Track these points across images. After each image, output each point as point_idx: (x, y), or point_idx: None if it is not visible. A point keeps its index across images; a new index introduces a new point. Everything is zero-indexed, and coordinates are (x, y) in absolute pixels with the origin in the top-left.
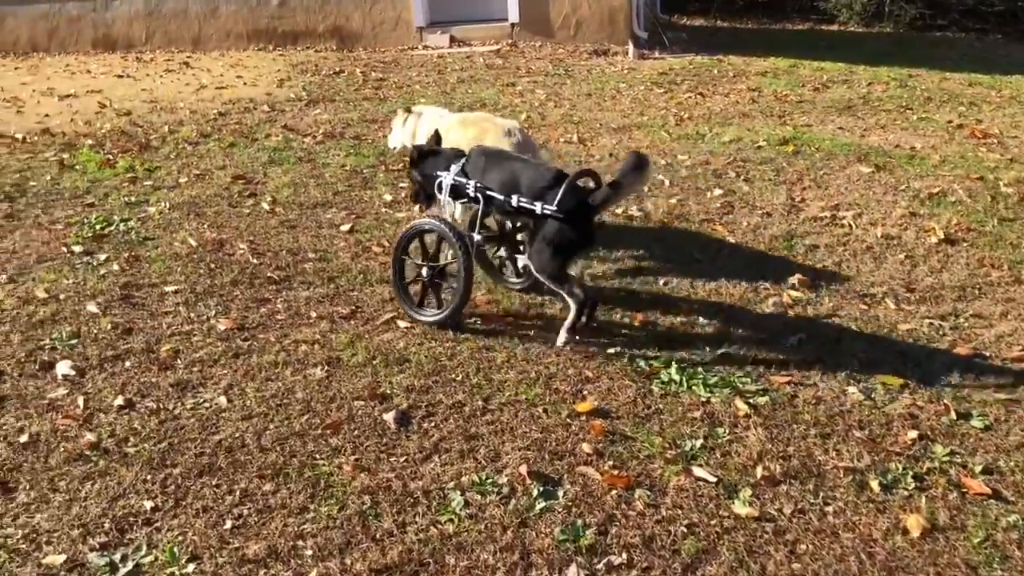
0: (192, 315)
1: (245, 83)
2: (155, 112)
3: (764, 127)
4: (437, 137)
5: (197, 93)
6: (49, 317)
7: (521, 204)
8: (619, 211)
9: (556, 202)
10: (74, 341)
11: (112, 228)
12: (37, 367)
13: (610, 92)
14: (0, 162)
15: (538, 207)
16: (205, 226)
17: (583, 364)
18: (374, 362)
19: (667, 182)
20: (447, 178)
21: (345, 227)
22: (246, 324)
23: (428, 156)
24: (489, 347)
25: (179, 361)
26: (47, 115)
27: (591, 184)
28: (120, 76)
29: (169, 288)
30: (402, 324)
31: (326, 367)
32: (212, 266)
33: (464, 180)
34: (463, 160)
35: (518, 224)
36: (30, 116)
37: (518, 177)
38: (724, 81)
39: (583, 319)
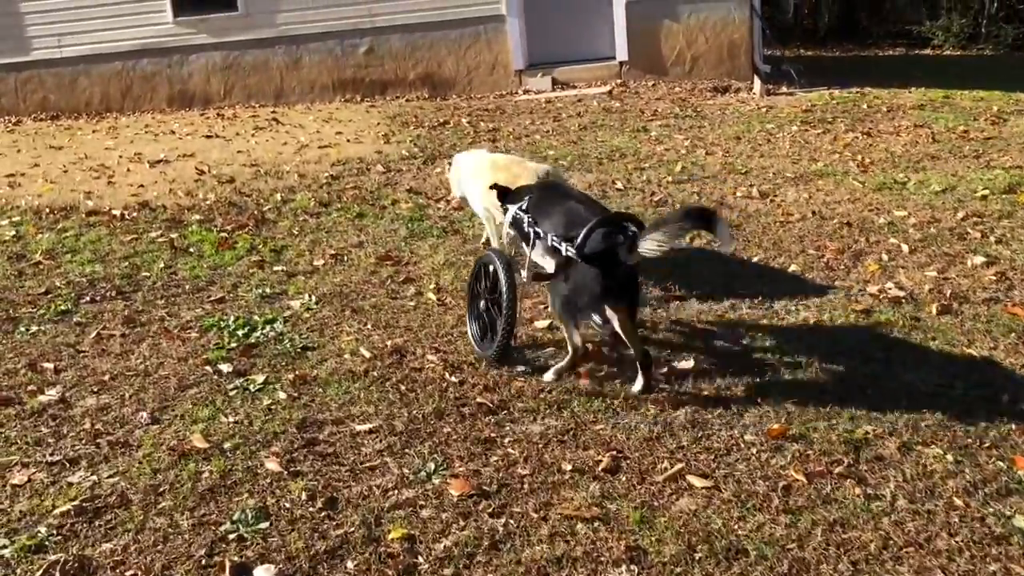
0: (406, 471)
1: (348, 140)
2: (260, 178)
3: (969, 171)
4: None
5: (299, 154)
6: (219, 482)
7: (552, 242)
8: (866, 295)
9: (576, 245)
10: (264, 524)
11: (258, 334)
12: None
13: (761, 134)
14: (103, 246)
15: (564, 247)
16: (369, 326)
17: None
18: (695, 556)
19: (904, 247)
20: (511, 212)
21: (542, 322)
22: (485, 486)
23: (510, 192)
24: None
25: (420, 559)
26: (142, 185)
27: (627, 233)
28: (209, 136)
29: (361, 426)
30: (695, 481)
31: (633, 568)
32: (402, 388)
33: (523, 215)
34: (528, 196)
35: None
36: (123, 187)
37: (561, 216)
38: (880, 118)
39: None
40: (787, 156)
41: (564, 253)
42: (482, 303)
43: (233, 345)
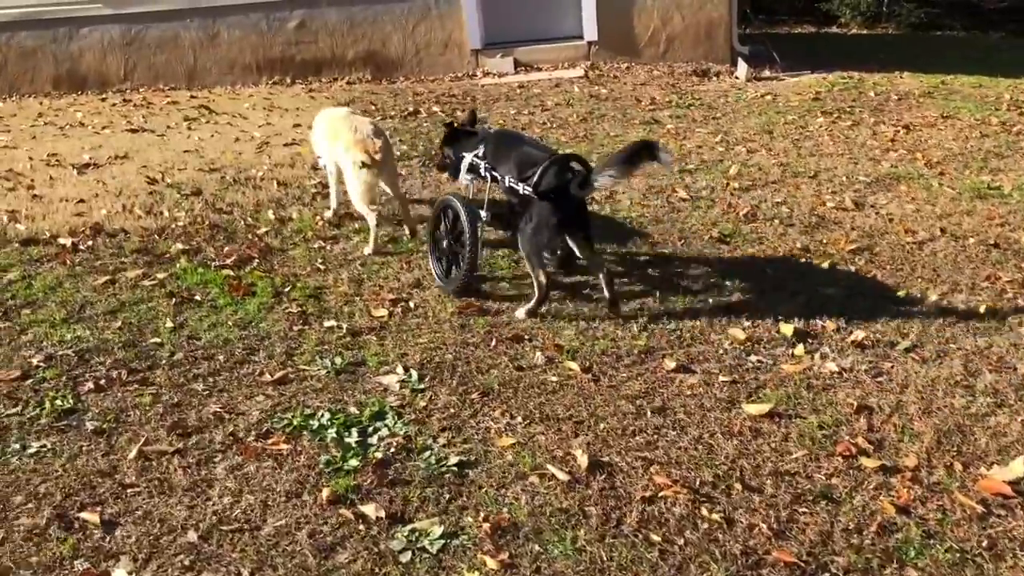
0: None
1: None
2: (230, 187)
3: None
4: (473, 116)
5: (263, 153)
6: None
7: (510, 184)
8: None
9: (533, 183)
10: None
11: (375, 441)
12: None
13: (789, 127)
14: (71, 295)
15: (520, 187)
16: (521, 419)
17: None
18: None
19: None
20: (467, 158)
21: (752, 405)
22: None
23: (462, 136)
24: None
25: None
26: (81, 200)
27: (575, 169)
28: (134, 130)
29: None
30: None
31: None
32: (653, 538)
33: (479, 160)
34: (483, 144)
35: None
36: (55, 203)
37: (516, 159)
38: (895, 107)
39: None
40: (841, 155)
41: (521, 192)
42: (445, 243)
43: (354, 463)
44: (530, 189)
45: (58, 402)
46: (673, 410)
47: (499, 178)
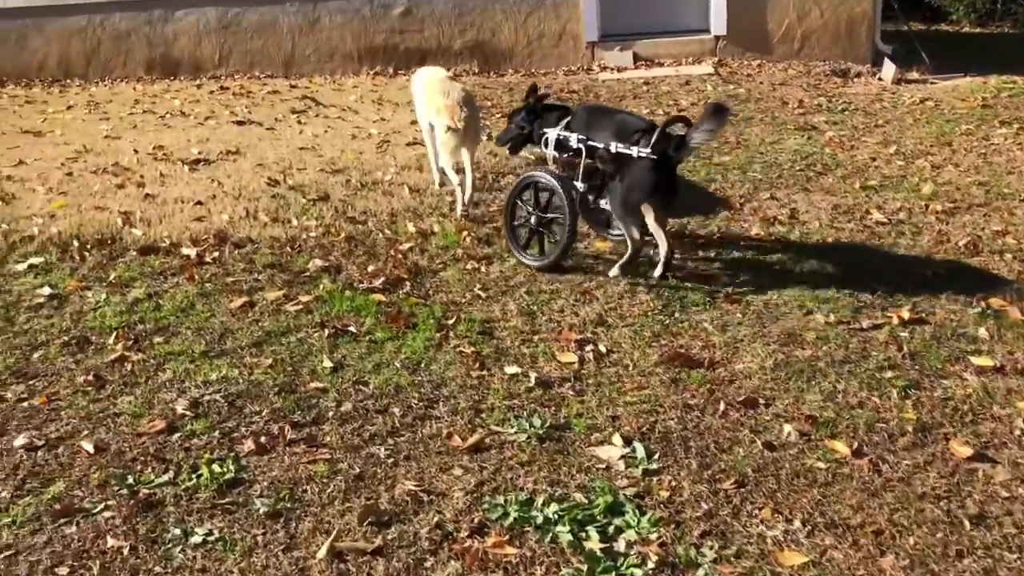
0: None
1: None
2: (358, 192)
3: None
4: (535, 89)
5: (385, 152)
6: None
7: (619, 149)
8: None
9: (651, 144)
10: None
11: (622, 548)
12: None
13: (970, 140)
14: (203, 319)
15: (634, 151)
16: (823, 530)
17: None
18: None
19: None
20: (552, 133)
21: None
22: None
23: (545, 110)
24: None
25: None
26: (199, 203)
27: (678, 133)
28: (240, 122)
29: None
30: None
31: None
32: None
33: (567, 134)
34: (568, 118)
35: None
36: (168, 204)
37: (614, 127)
38: None
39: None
40: None
41: (636, 155)
42: (534, 219)
43: None
44: (647, 151)
45: (216, 468)
46: (997, 520)
47: (596, 148)
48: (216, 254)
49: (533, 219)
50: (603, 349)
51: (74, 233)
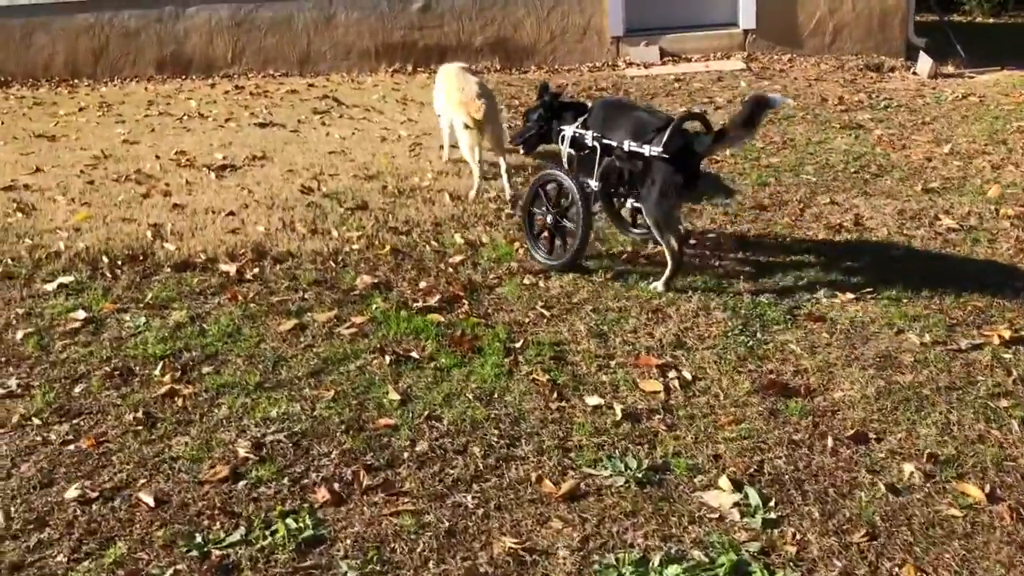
0: None
1: None
2: (397, 199)
3: None
4: (546, 87)
5: (417, 156)
6: None
7: (632, 148)
8: None
9: (663, 144)
10: None
11: None
12: None
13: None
14: (252, 345)
15: (646, 150)
16: None
17: None
18: None
19: None
20: (569, 131)
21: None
22: None
23: (562, 108)
24: None
25: None
26: (231, 213)
27: (700, 128)
28: (263, 124)
29: None
30: None
31: None
32: None
33: (583, 131)
34: (585, 115)
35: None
36: (199, 214)
37: (630, 126)
38: None
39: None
40: None
41: (648, 154)
42: (550, 219)
43: None
44: (658, 150)
45: (291, 523)
46: None
47: (611, 146)
48: (256, 270)
49: (549, 218)
50: (688, 375)
51: (102, 248)
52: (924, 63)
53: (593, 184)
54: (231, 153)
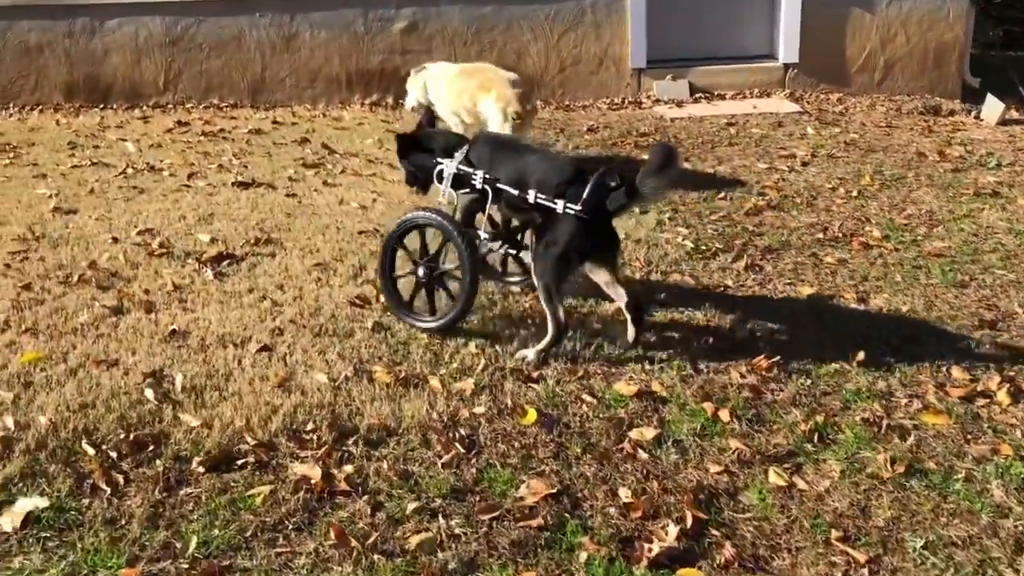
0: None
1: None
2: (493, 319)
3: None
4: (430, 116)
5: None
6: None
7: (539, 200)
8: None
9: (582, 201)
10: None
11: None
12: None
13: None
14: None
15: (559, 205)
16: None
17: None
18: None
19: None
20: (449, 166)
21: None
22: None
23: (424, 139)
24: None
25: None
26: (264, 348)
27: (614, 183)
28: (244, 184)
29: None
30: None
31: None
32: None
33: (469, 170)
34: (466, 147)
35: (524, 220)
36: (212, 349)
37: (533, 169)
38: None
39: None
40: None
41: (562, 211)
42: (421, 270)
43: None
44: (577, 208)
45: None
46: None
47: (510, 192)
48: (349, 469)
49: (421, 272)
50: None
51: (80, 425)
52: (994, 107)
53: (483, 235)
54: (219, 233)
